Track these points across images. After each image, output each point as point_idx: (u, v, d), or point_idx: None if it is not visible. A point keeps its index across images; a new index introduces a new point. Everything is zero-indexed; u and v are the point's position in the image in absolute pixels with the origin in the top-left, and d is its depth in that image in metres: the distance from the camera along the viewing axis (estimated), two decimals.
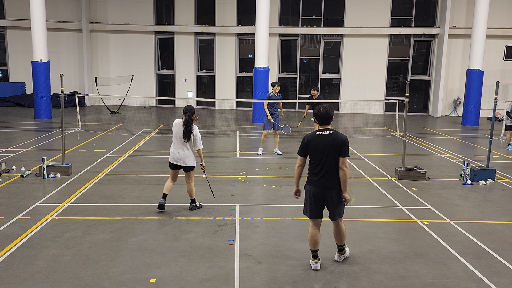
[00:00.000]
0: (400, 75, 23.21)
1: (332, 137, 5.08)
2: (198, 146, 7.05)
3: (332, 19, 22.85)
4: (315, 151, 5.14)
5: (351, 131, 16.70)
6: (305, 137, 5.24)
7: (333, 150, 5.05)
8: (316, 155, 5.14)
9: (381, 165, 10.87)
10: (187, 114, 6.87)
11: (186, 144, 6.97)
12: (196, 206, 7.29)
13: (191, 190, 7.21)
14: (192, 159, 7.05)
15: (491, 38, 20.26)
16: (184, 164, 7.01)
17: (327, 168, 5.09)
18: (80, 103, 22.24)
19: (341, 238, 5.40)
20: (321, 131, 5.16)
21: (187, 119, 6.87)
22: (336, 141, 5.05)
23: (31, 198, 7.73)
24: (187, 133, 6.90)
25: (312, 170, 5.22)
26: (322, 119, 5.19)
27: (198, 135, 7.02)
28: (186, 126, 6.87)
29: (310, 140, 5.17)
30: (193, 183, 7.21)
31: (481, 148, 13.57)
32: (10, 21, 22.97)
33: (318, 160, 5.13)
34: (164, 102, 24.27)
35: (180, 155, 7.00)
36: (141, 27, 23.28)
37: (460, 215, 7.36)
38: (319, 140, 5.12)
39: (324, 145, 5.08)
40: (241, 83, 23.89)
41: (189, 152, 7.01)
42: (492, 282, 5.03)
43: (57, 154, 10.83)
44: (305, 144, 5.21)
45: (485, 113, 21.15)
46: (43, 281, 4.85)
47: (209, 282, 4.92)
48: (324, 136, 5.10)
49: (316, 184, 5.16)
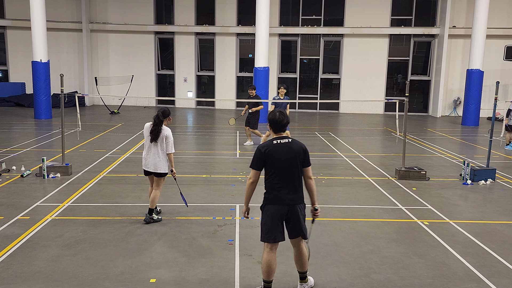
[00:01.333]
0: (399, 75, 23.22)
1: (293, 146, 4.44)
2: (170, 150, 6.60)
3: (332, 19, 22.85)
4: (276, 162, 4.40)
5: (351, 131, 16.70)
6: (260, 147, 4.48)
7: (297, 160, 4.43)
8: (277, 168, 4.41)
9: (381, 165, 10.87)
10: (158, 113, 6.54)
11: (157, 149, 6.54)
12: (152, 219, 6.62)
13: (155, 198, 6.64)
14: (163, 165, 6.62)
15: (491, 38, 20.27)
16: (154, 170, 6.59)
17: (291, 181, 4.43)
18: (80, 103, 22.24)
19: (303, 264, 4.67)
20: (278, 139, 4.47)
21: (156, 119, 6.52)
22: (298, 150, 4.44)
23: (31, 198, 7.73)
24: (155, 132, 6.49)
25: (273, 185, 4.44)
26: (278, 126, 4.50)
27: (171, 138, 6.60)
28: (155, 125, 6.52)
29: (269, 150, 4.41)
30: (159, 190, 6.73)
31: (481, 148, 13.57)
32: (10, 21, 22.98)
33: (280, 173, 4.41)
34: (164, 102, 24.27)
35: (151, 161, 6.59)
36: (141, 27, 23.29)
37: (460, 215, 7.36)
38: (279, 149, 4.41)
39: (285, 155, 4.40)
40: (241, 83, 23.89)
41: (160, 158, 6.57)
42: (492, 282, 5.03)
43: (57, 154, 10.83)
44: (263, 156, 4.41)
45: (485, 113, 21.16)
46: (43, 281, 4.85)
47: (209, 282, 4.92)
48: (284, 145, 4.43)
49: (280, 202, 4.42)
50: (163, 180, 6.74)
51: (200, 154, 11.94)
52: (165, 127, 6.59)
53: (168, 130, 6.61)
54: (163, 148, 6.57)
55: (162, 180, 6.71)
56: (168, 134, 6.56)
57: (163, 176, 6.66)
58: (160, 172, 6.60)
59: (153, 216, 6.65)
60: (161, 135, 6.53)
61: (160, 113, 6.54)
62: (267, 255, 4.49)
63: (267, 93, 18.44)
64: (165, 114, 6.59)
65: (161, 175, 6.63)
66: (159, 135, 6.51)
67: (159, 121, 6.51)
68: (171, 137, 6.60)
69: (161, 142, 6.54)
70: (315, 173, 9.86)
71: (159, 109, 6.63)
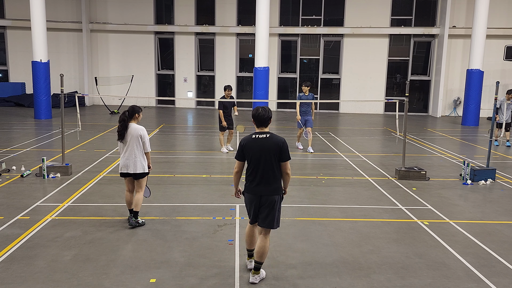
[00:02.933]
0: (398, 75, 23.22)
1: (268, 141, 4.73)
2: (147, 148, 6.42)
3: (332, 19, 22.85)
4: (252, 156, 4.76)
5: (351, 131, 16.70)
6: (242, 140, 4.87)
7: (271, 155, 4.70)
8: (250, 160, 4.79)
9: (381, 165, 10.87)
10: (126, 111, 6.38)
11: (134, 149, 6.32)
12: (137, 223, 6.42)
13: (138, 201, 6.41)
14: (142, 164, 6.39)
15: (491, 38, 20.26)
16: (134, 170, 6.35)
17: (262, 175, 4.74)
18: (80, 103, 22.24)
19: (262, 255, 4.86)
20: (257, 134, 4.79)
21: (123, 115, 6.33)
22: (273, 145, 4.70)
23: (31, 198, 7.73)
24: (121, 130, 6.30)
25: (248, 177, 4.86)
26: (260, 121, 4.81)
27: (146, 136, 6.41)
28: (120, 121, 6.31)
29: (246, 143, 4.81)
30: (142, 192, 6.49)
31: (481, 148, 13.57)
32: (10, 21, 22.97)
33: (253, 166, 4.78)
34: (164, 102, 24.28)
35: (130, 162, 6.35)
36: (141, 27, 23.29)
37: (460, 215, 7.36)
38: (254, 144, 4.75)
39: (259, 150, 4.71)
40: (241, 83, 23.89)
41: (138, 158, 6.35)
42: (492, 282, 5.03)
43: (57, 154, 10.83)
44: (242, 148, 4.83)
45: (485, 113, 21.15)
46: (43, 281, 4.85)
47: (209, 282, 4.91)
48: (260, 140, 4.74)
49: (252, 192, 4.82)
50: (145, 181, 6.51)
51: (200, 154, 11.94)
52: (137, 126, 6.39)
53: (142, 129, 6.40)
54: (139, 147, 6.35)
55: (143, 180, 6.48)
56: (142, 133, 6.36)
57: (144, 176, 6.46)
58: (141, 172, 6.39)
59: (139, 220, 6.45)
60: (135, 134, 6.32)
61: (127, 112, 6.38)
62: (248, 229, 5.13)
63: (267, 93, 18.46)
64: (133, 112, 6.40)
65: (141, 175, 6.42)
66: (126, 133, 6.30)
67: (125, 118, 6.32)
68: (146, 136, 6.42)
69: (136, 141, 6.32)
70: (315, 173, 9.87)
71: (129, 107, 6.49)
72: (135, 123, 6.42)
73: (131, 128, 6.35)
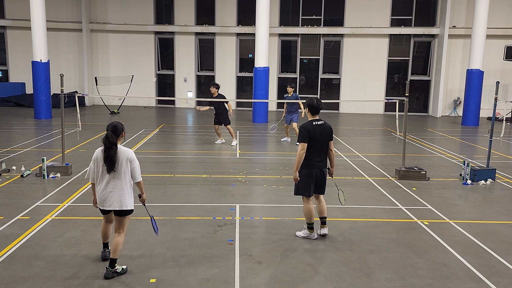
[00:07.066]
0: (396, 75, 23.22)
1: (325, 126, 6.03)
2: (138, 177, 4.99)
3: (332, 19, 22.85)
4: (316, 139, 5.90)
5: (351, 131, 16.70)
6: (305, 126, 5.92)
7: (327, 137, 6.01)
8: (316, 142, 5.92)
9: (381, 165, 10.87)
10: (107, 133, 4.85)
11: (121, 180, 4.90)
12: (116, 272, 4.92)
13: (117, 246, 4.92)
14: (130, 199, 5.00)
15: (491, 38, 20.26)
16: (120, 207, 4.93)
17: (324, 152, 6.04)
18: (80, 103, 22.23)
19: (323, 210, 6.21)
20: (316, 121, 5.99)
21: (106, 141, 4.81)
22: (328, 129, 6.05)
23: (31, 198, 7.73)
24: (110, 158, 4.80)
25: (311, 155, 5.93)
26: (316, 110, 6.02)
27: (136, 161, 4.98)
28: (106, 149, 4.82)
29: (311, 129, 5.89)
30: (123, 234, 5.03)
31: (481, 148, 13.57)
32: (10, 21, 22.96)
33: (317, 147, 5.94)
34: (164, 102, 24.27)
35: (114, 196, 4.91)
36: (141, 27, 23.28)
37: (460, 215, 7.36)
38: (318, 129, 5.94)
39: (321, 134, 5.94)
40: (241, 83, 23.89)
41: (126, 191, 4.93)
42: (492, 282, 5.03)
43: (57, 154, 10.83)
44: (308, 133, 5.87)
45: (485, 113, 21.14)
46: (43, 281, 4.85)
47: (209, 282, 4.92)
48: (319, 126, 5.97)
49: (317, 167, 5.99)
50: (128, 219, 5.11)
51: (200, 154, 11.94)
52: (123, 148, 4.97)
53: (130, 152, 4.98)
54: (127, 176, 4.93)
55: (127, 219, 5.08)
56: (131, 157, 4.95)
57: (129, 213, 5.04)
58: (127, 210, 4.98)
59: (117, 269, 4.96)
60: (124, 159, 4.90)
61: (110, 133, 4.87)
62: (309, 205, 6.09)
63: (267, 93, 18.45)
64: (116, 132, 4.96)
65: (127, 213, 5.02)
66: (116, 161, 4.86)
67: (111, 143, 4.81)
68: (136, 160, 4.99)
69: (124, 169, 4.91)
70: None
71: (108, 126, 4.99)
72: (120, 144, 5.02)
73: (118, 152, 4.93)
